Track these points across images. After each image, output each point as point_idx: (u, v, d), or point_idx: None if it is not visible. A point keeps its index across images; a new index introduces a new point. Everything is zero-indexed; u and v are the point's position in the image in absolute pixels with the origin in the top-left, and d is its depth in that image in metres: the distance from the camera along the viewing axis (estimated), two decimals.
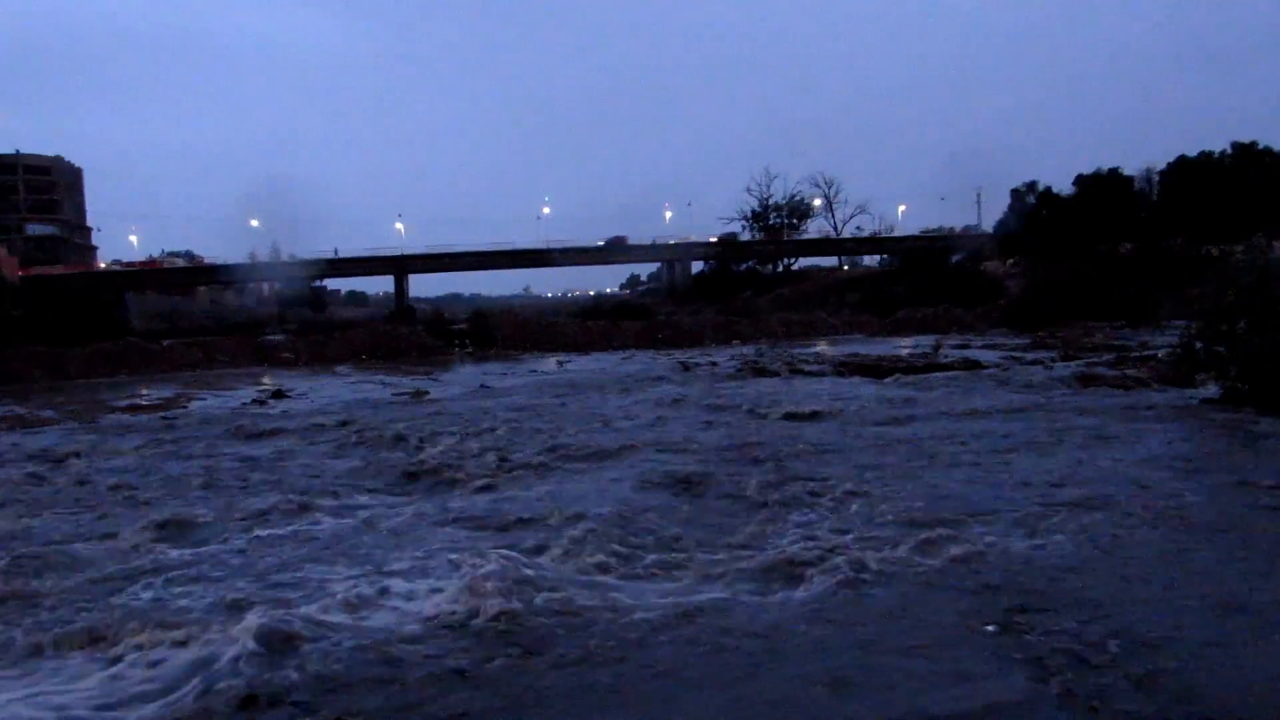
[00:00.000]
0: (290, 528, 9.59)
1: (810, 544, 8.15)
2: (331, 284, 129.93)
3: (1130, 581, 6.95)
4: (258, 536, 9.25)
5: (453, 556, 8.06)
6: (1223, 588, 6.72)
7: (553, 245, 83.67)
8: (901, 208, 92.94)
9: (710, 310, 62.52)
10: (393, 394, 25.35)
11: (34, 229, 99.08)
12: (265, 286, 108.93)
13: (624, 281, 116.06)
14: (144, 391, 29.28)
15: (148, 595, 7.47)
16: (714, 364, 30.82)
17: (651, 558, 8.08)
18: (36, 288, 66.91)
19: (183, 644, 6.16)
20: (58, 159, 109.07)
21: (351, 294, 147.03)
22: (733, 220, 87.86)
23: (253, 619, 6.26)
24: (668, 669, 5.71)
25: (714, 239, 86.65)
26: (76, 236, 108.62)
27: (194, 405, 24.76)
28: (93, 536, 9.56)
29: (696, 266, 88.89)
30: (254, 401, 24.92)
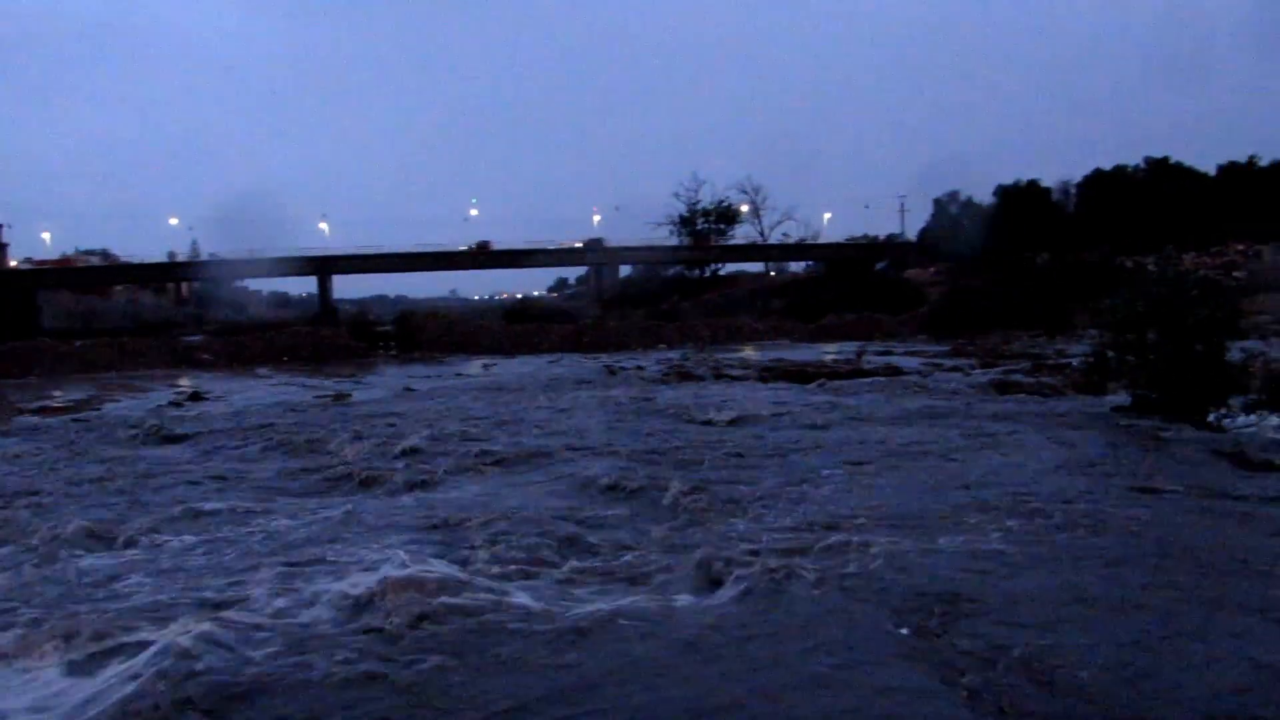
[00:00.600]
0: (207, 532, 9.41)
1: (729, 549, 8.20)
2: (253, 285, 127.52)
3: (1042, 584, 7.11)
4: (172, 542, 9.05)
5: (371, 559, 7.98)
6: (1124, 589, 6.92)
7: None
8: (827, 215, 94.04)
9: (637, 315, 62.70)
10: (314, 396, 25.00)
11: None
12: (184, 287, 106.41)
13: (551, 284, 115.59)
14: (56, 393, 28.51)
15: (60, 603, 7.27)
16: (640, 368, 30.93)
17: (573, 563, 8.09)
18: None
19: (100, 653, 6.03)
20: None
21: (274, 295, 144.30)
22: (660, 225, 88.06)
23: (170, 626, 6.13)
24: (587, 675, 5.72)
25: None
26: None
27: (108, 407, 24.16)
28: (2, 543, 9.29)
29: (623, 271, 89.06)
30: (170, 403, 24.40)
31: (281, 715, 5.21)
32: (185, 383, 31.07)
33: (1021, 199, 66.52)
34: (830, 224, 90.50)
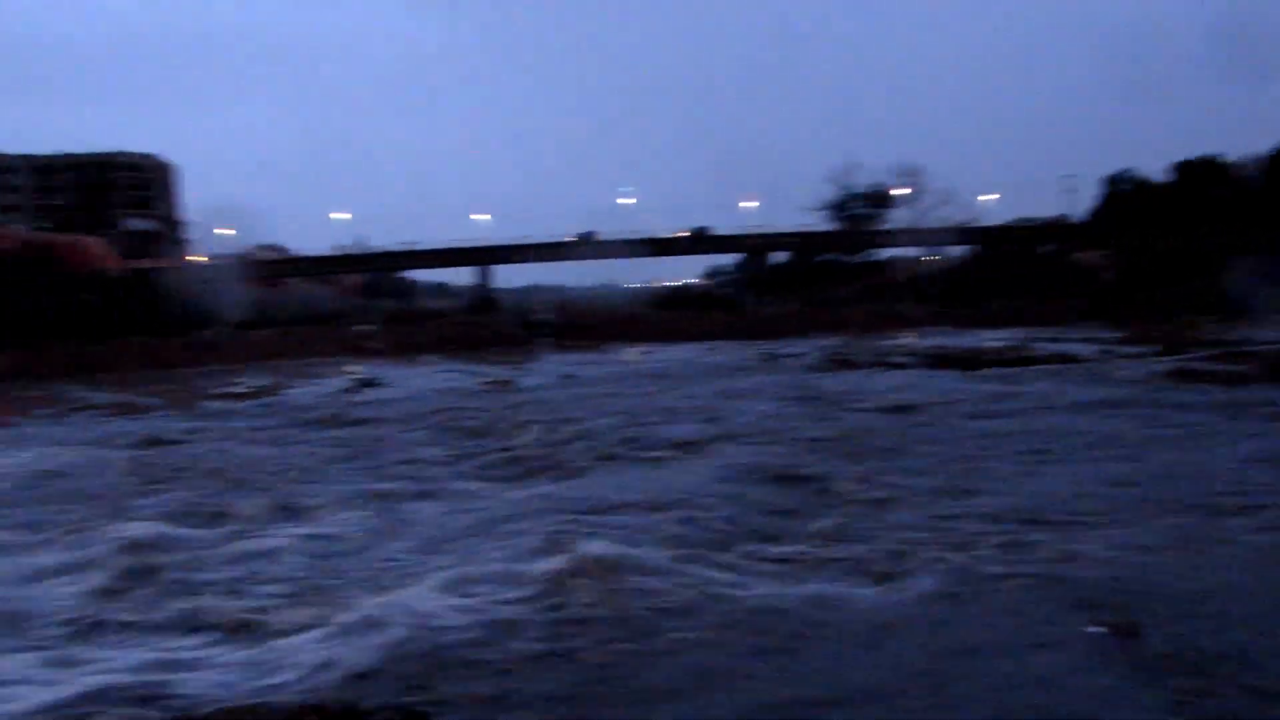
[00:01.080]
0: (388, 512, 9.79)
1: (904, 540, 8.05)
2: (414, 275, 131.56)
3: (1235, 581, 6.74)
4: (358, 521, 9.44)
5: (550, 541, 8.14)
6: None
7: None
8: (989, 197, 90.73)
9: (792, 302, 62.02)
10: (479, 383, 25.68)
11: (132, 224, 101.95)
12: (352, 278, 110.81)
13: (705, 272, 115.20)
14: (239, 380, 30.06)
15: (256, 575, 7.69)
16: (798, 355, 30.63)
17: (745, 547, 8.07)
18: (135, 281, 68.81)
19: (287, 624, 6.34)
20: (152, 156, 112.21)
21: (436, 285, 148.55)
22: (813, 211, 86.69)
23: (361, 602, 6.39)
24: (767, 659, 5.70)
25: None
26: (172, 231, 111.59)
27: (287, 393, 25.38)
28: (202, 516, 9.88)
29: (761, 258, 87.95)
30: (345, 390, 25.46)
31: (477, 688, 5.36)
32: (357, 370, 32.33)
33: (1201, 176, 62.89)
34: (992, 206, 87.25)
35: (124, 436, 17.02)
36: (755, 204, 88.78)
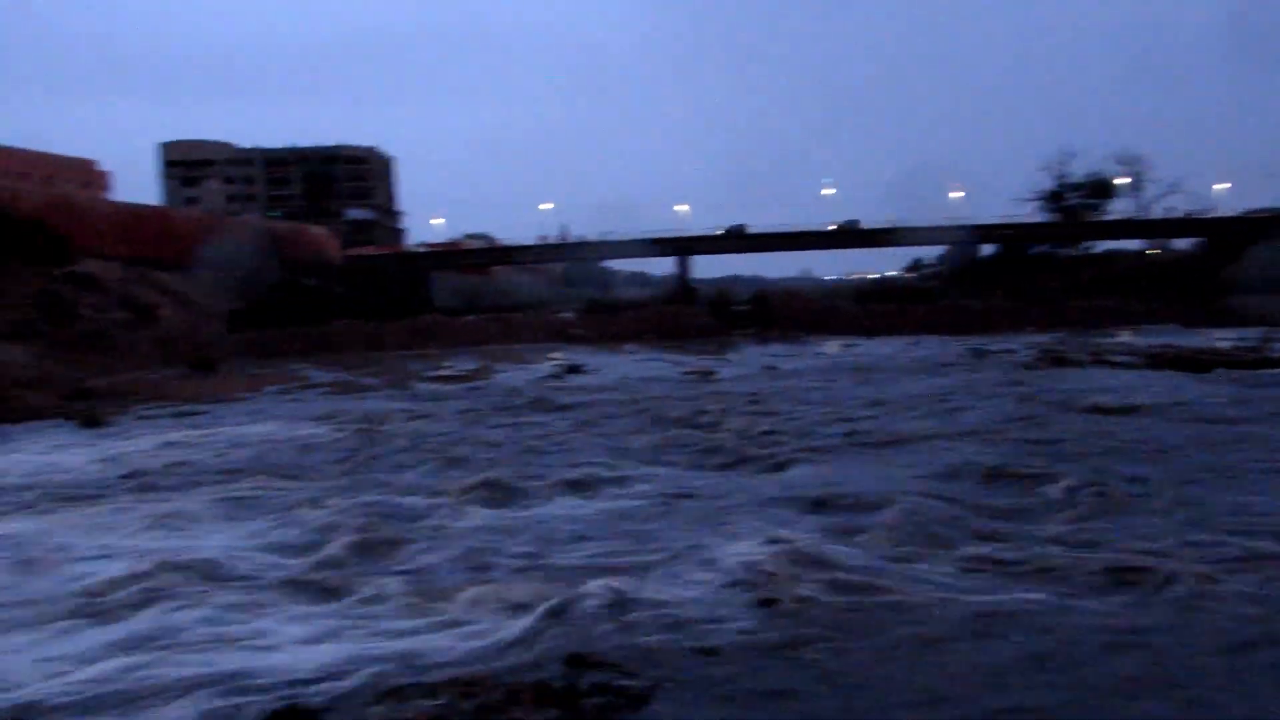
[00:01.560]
0: (598, 498, 9.97)
1: (1130, 550, 7.56)
2: (615, 265, 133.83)
3: None
4: (568, 504, 9.66)
5: (762, 532, 8.09)
6: None
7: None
8: (1221, 186, 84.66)
9: (1000, 296, 59.61)
10: (681, 373, 25.86)
11: (352, 214, 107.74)
12: (555, 267, 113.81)
13: (906, 265, 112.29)
14: (450, 363, 31.30)
15: (469, 554, 7.96)
16: (1009, 352, 29.46)
17: (963, 549, 7.78)
18: (354, 267, 72.68)
19: (509, 603, 6.52)
20: (371, 150, 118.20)
21: (634, 274, 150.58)
22: (1024, 201, 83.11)
23: (580, 584, 6.50)
24: (987, 667, 5.47)
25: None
26: (388, 220, 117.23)
27: (497, 377, 26.26)
28: (419, 492, 10.32)
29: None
30: (551, 375, 26.13)
31: (693, 676, 5.37)
32: (561, 356, 33.13)
33: None
34: (1226, 196, 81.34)
35: (348, 414, 18.01)
36: (961, 194, 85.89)
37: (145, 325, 43.11)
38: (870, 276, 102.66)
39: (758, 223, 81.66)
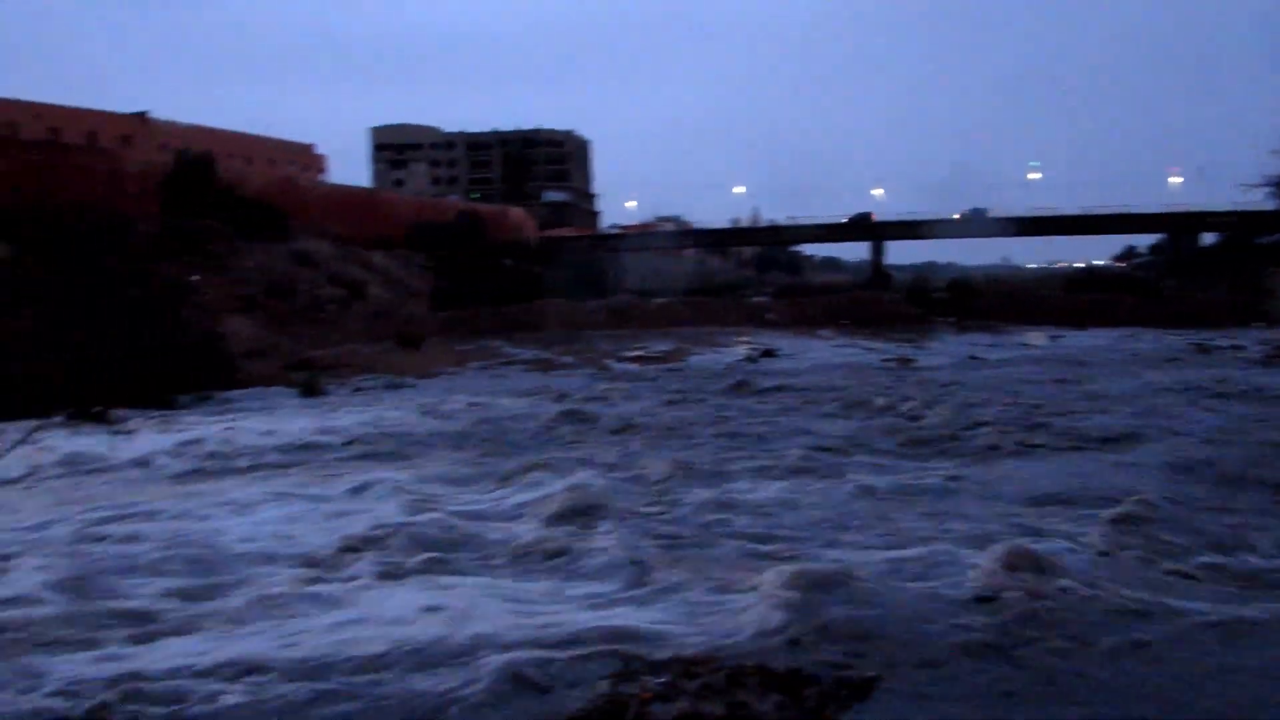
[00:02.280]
0: (807, 483, 9.85)
1: None
2: (806, 249, 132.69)
3: None
4: (778, 488, 9.59)
5: (975, 528, 7.84)
6: None
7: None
8: None
9: (1224, 288, 55.76)
10: (879, 360, 25.36)
11: (549, 195, 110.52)
12: (745, 250, 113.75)
13: (1117, 253, 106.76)
14: (645, 344, 31.64)
15: (684, 532, 7.99)
16: (1237, 347, 27.54)
17: (1199, 557, 7.30)
18: (550, 248, 74.51)
19: (728, 583, 6.52)
20: (569, 134, 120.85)
21: (825, 259, 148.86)
22: (1254, 187, 77.49)
23: (792, 570, 6.43)
24: (1227, 677, 5.11)
25: None
26: (583, 202, 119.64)
27: (692, 359, 26.40)
28: (629, 468, 10.46)
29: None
30: (746, 359, 26.06)
31: (914, 669, 5.24)
32: (754, 340, 32.98)
33: None
34: None
35: (550, 390, 18.48)
36: (1180, 180, 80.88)
37: (355, 301, 45.45)
38: (1076, 265, 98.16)
39: (955, 207, 79.27)
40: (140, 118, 60.54)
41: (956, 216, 79.58)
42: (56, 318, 19.24)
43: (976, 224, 78.42)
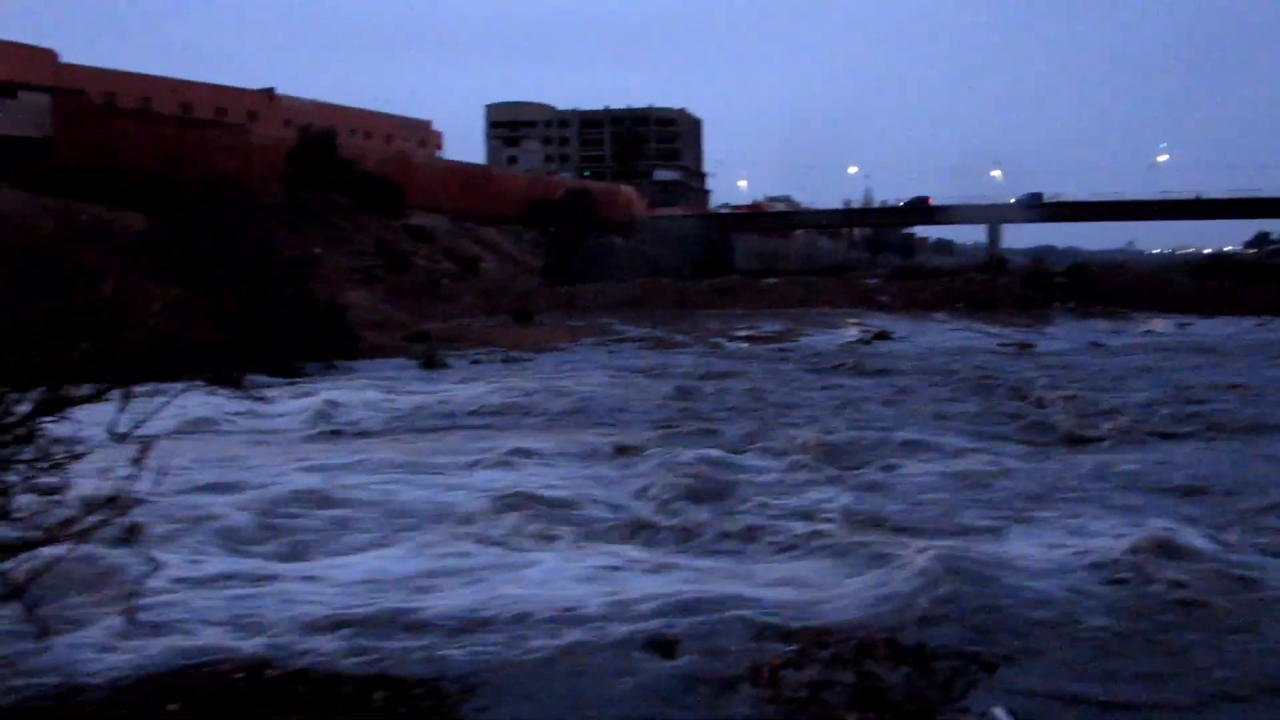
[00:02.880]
0: (931, 463, 9.79)
1: None
2: (919, 232, 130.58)
3: None
4: (903, 467, 9.55)
5: (1107, 513, 7.71)
6: None
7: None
8: None
9: None
10: (996, 344, 24.89)
11: (660, 174, 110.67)
12: (855, 231, 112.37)
13: (1249, 240, 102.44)
14: (756, 323, 31.58)
15: (809, 507, 8.03)
16: None
17: None
18: (660, 226, 74.59)
19: (859, 557, 6.59)
20: (681, 112, 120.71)
21: (939, 242, 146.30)
22: None
23: (922, 546, 6.43)
24: None
25: None
26: (694, 181, 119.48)
27: (804, 339, 26.27)
28: (750, 446, 10.51)
29: None
30: (859, 340, 25.83)
31: (1038, 649, 5.21)
32: (867, 322, 32.65)
33: None
34: None
35: (665, 367, 18.65)
36: None
37: (468, 276, 46.35)
38: (1205, 251, 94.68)
39: (1075, 191, 77.09)
40: (267, 94, 62.39)
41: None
42: (193, 287, 20.02)
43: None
